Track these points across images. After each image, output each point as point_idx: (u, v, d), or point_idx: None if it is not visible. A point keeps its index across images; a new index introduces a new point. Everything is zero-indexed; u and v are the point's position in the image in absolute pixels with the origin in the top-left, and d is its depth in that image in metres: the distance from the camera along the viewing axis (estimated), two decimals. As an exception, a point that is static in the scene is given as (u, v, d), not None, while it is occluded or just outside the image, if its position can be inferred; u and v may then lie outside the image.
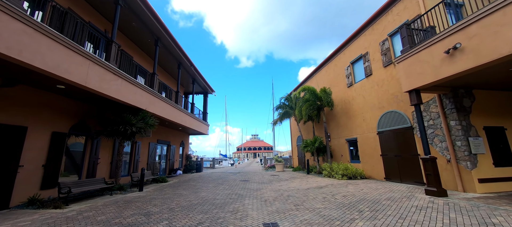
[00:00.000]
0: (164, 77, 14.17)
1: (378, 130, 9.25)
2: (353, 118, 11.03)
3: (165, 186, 9.49)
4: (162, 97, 10.10)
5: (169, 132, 14.56)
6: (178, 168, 15.43)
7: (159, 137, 13.21)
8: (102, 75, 6.56)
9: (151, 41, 10.72)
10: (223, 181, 10.98)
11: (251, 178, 12.14)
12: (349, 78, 11.41)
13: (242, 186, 8.97)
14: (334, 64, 13.01)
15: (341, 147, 12.07)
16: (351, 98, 11.23)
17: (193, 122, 14.76)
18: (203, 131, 17.25)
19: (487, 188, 5.72)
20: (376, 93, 9.45)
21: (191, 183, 10.38)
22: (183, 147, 17.37)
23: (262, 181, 10.58)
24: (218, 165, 34.12)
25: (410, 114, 7.76)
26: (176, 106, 11.74)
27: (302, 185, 8.70)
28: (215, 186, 9.25)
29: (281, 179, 10.89)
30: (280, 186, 8.69)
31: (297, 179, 10.79)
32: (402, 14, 8.14)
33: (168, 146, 14.65)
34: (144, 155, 11.57)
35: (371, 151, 9.66)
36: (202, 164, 18.63)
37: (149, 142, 12.05)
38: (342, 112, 12.03)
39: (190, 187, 8.95)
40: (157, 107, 9.64)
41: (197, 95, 19.67)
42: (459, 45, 4.75)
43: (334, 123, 12.84)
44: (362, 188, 7.15)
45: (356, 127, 10.77)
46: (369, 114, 9.88)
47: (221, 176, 13.29)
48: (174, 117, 11.48)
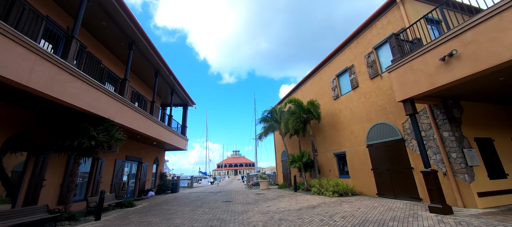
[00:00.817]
0: (139, 85, 12.83)
1: (367, 143, 8.96)
2: (341, 131, 10.74)
3: (132, 212, 7.92)
4: (133, 106, 8.83)
5: (141, 148, 12.91)
6: (150, 189, 13.57)
7: (128, 153, 11.54)
8: (55, 74, 5.33)
9: (124, 45, 9.61)
10: (203, 202, 9.65)
11: (234, 198, 10.94)
12: (335, 91, 11.30)
13: (225, 209, 7.82)
14: (319, 77, 12.96)
15: (329, 162, 11.60)
16: (338, 110, 11.03)
17: (170, 136, 13.35)
18: (181, 146, 15.74)
19: (487, 203, 5.46)
20: (363, 105, 9.31)
21: (164, 206, 8.89)
22: (157, 165, 15.56)
23: (247, 201, 9.49)
24: (197, 183, 31.67)
25: (400, 126, 7.58)
26: (150, 117, 10.43)
27: (292, 205, 7.84)
28: (193, 209, 7.95)
29: (267, 199, 9.90)
30: (268, 207, 7.72)
31: (285, 198, 9.90)
32: (386, 27, 8.29)
33: (139, 164, 12.89)
34: (108, 174, 9.84)
35: (361, 165, 9.27)
36: (179, 183, 16.80)
37: (115, 159, 10.38)
38: (329, 125, 11.74)
39: (162, 213, 7.54)
40: (127, 118, 8.33)
41: (176, 107, 18.31)
42: (455, 52, 4.61)
43: (320, 137, 12.46)
44: (359, 207, 6.52)
45: (344, 140, 10.45)
46: (357, 126, 9.64)
47: (200, 197, 11.85)
48: (147, 129, 10.12)
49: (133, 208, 8.64)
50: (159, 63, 11.33)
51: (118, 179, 10.51)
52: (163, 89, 14.89)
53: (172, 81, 13.66)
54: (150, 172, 14.32)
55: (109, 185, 9.93)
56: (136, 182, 12.58)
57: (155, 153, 15.00)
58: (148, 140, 12.05)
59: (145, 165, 13.45)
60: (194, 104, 18.43)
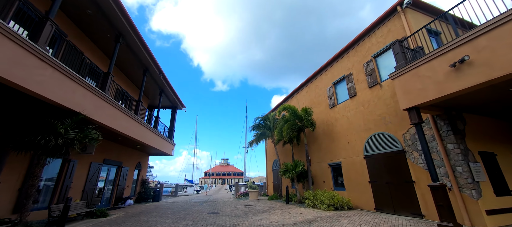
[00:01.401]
0: (125, 83, 11.95)
1: (365, 154, 8.58)
2: (337, 140, 10.35)
3: (103, 224, 6.91)
4: (116, 103, 7.99)
5: (122, 150, 11.83)
6: (129, 196, 12.37)
7: (107, 156, 10.47)
8: (19, 57, 4.54)
9: (111, 37, 8.87)
10: (186, 213, 8.74)
11: (221, 209, 10.08)
12: (332, 99, 11.01)
13: (211, 222, 7.01)
14: (315, 85, 12.70)
15: (324, 173, 11.10)
16: (334, 119, 10.70)
17: (156, 139, 12.39)
18: (167, 151, 14.72)
19: (496, 222, 5.10)
20: (361, 114, 9.01)
21: (141, 217, 7.91)
22: (139, 170, 14.38)
23: (236, 213, 8.70)
24: (182, 192, 30.03)
25: (400, 136, 7.27)
26: (134, 117, 9.56)
27: (286, 218, 7.17)
28: (175, 222, 7.07)
29: (258, 211, 9.15)
30: (260, 221, 7.01)
31: (276, 210, 9.20)
32: (387, 36, 8.17)
33: (118, 168, 11.76)
34: (80, 179, 8.74)
35: (358, 177, 8.84)
36: (162, 191, 15.59)
37: (90, 162, 9.31)
38: (324, 134, 11.35)
39: (139, 225, 6.61)
40: (106, 116, 7.47)
41: (165, 109, 17.36)
42: (467, 58, 4.35)
43: (315, 146, 12.02)
44: (360, 223, 5.98)
45: (340, 150, 10.05)
46: (354, 136, 9.29)
47: (184, 207, 10.86)
48: (130, 131, 9.22)
49: (105, 219, 7.59)
50: (149, 60, 10.61)
51: (92, 185, 9.38)
52: (151, 89, 14.03)
53: (161, 81, 12.89)
54: (131, 178, 13.14)
55: (81, 191, 8.80)
56: (114, 189, 11.40)
57: (137, 157, 13.88)
58: (131, 142, 11.06)
59: (125, 170, 12.32)
60: (184, 107, 17.59)
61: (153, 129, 11.98)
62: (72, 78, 5.88)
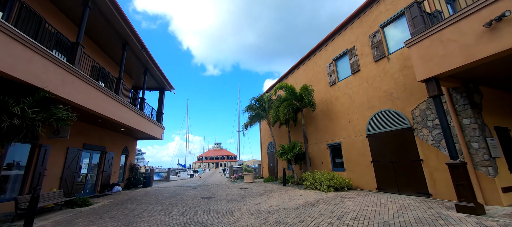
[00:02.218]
0: (104, 60, 10.61)
1: (368, 133, 8.11)
2: (336, 120, 9.83)
3: (83, 213, 6.16)
4: (90, 80, 6.88)
5: (105, 135, 10.83)
6: (117, 183, 11.60)
7: (87, 141, 9.48)
8: None
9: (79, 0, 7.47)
10: (178, 199, 8.15)
11: (216, 193, 9.58)
12: (332, 76, 10.30)
13: (205, 207, 6.44)
14: (314, 61, 11.88)
15: (321, 154, 10.71)
16: (334, 98, 10.08)
17: (142, 122, 11.41)
18: (156, 135, 13.81)
19: (511, 199, 4.79)
20: (365, 91, 8.40)
21: (128, 205, 7.23)
22: (127, 156, 13.50)
23: (231, 197, 8.20)
24: (175, 176, 29.61)
25: (408, 113, 6.76)
26: (115, 97, 8.48)
27: (286, 201, 6.71)
28: (165, 209, 6.44)
29: (255, 194, 8.70)
30: (258, 204, 6.51)
31: (274, 193, 8.78)
32: (397, 3, 7.33)
33: (102, 154, 10.83)
34: (56, 166, 7.80)
35: (359, 157, 8.45)
36: (153, 176, 14.92)
37: (67, 147, 8.32)
38: (323, 114, 10.79)
39: (123, 214, 5.92)
40: (79, 94, 6.40)
41: (151, 91, 16.13)
42: (509, 13, 3.65)
43: (312, 127, 11.51)
44: (366, 205, 5.57)
45: (340, 130, 9.56)
46: (356, 115, 8.76)
47: (177, 192, 10.28)
48: (111, 112, 8.20)
49: (87, 208, 6.84)
50: (128, 32, 9.28)
51: (72, 172, 8.49)
52: (134, 68, 12.71)
53: (145, 58, 11.60)
54: (117, 163, 12.28)
55: (58, 179, 7.91)
56: (99, 175, 10.56)
57: (123, 142, 12.92)
58: (113, 125, 10.06)
59: (111, 155, 11.41)
60: (173, 88, 16.41)
61: (139, 111, 10.94)
62: (25, 43, 4.73)
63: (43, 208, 6.69)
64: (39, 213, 6.25)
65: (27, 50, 4.76)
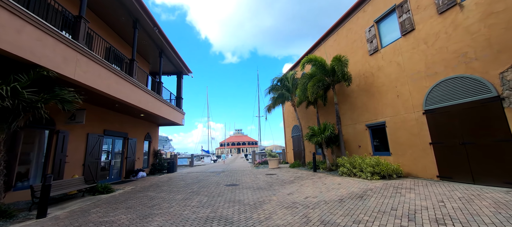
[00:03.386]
0: (117, 42, 10.08)
1: (425, 108, 6.45)
2: (379, 95, 8.18)
3: (102, 202, 5.77)
4: (98, 58, 6.24)
5: (125, 120, 10.59)
6: (141, 168, 11.55)
7: (107, 127, 9.24)
8: None
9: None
10: (201, 186, 7.53)
11: (240, 180, 8.83)
12: (373, 43, 8.50)
13: (230, 197, 5.63)
14: (348, 28, 10.03)
15: (359, 136, 9.24)
16: (376, 68, 8.36)
17: (161, 107, 10.94)
18: (176, 121, 13.44)
19: None
20: (422, 55, 6.62)
21: (149, 193, 6.76)
22: (150, 142, 13.42)
23: (258, 185, 7.34)
24: (199, 162, 30.24)
25: (494, 77, 4.98)
26: (129, 78, 7.89)
27: (324, 192, 5.61)
28: (186, 198, 5.78)
29: (284, 181, 7.73)
30: (291, 195, 5.50)
31: (305, 180, 7.72)
32: None
33: (124, 140, 10.68)
34: (77, 152, 7.61)
35: (411, 138, 6.88)
36: (176, 162, 14.84)
37: (87, 133, 8.08)
38: (360, 90, 9.16)
39: (141, 204, 5.37)
40: (86, 73, 5.79)
41: (169, 76, 15.68)
42: None
43: (347, 105, 9.96)
44: (439, 199, 4.21)
45: (384, 107, 7.95)
46: (407, 87, 7.06)
47: (199, 178, 9.79)
48: (125, 95, 7.65)
49: (108, 196, 6.51)
50: (138, 9, 8.47)
51: (94, 158, 8.32)
52: (149, 50, 12.11)
53: (159, 39, 10.86)
54: (141, 149, 12.20)
55: (81, 165, 7.76)
56: (123, 162, 10.49)
57: (145, 128, 12.75)
58: (132, 110, 9.68)
59: (133, 141, 11.26)
60: (190, 72, 15.76)
61: (156, 95, 10.41)
62: (11, 10, 4.02)
63: (66, 195, 6.52)
64: (60, 200, 6.05)
65: (15, 19, 4.06)
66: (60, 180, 5.94)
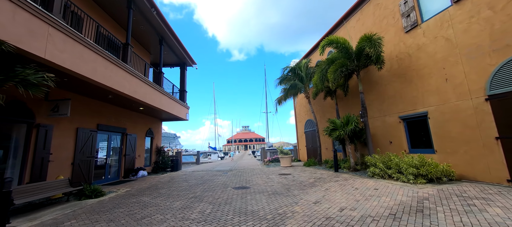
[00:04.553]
0: (111, 26, 9.04)
1: (490, 93, 5.01)
2: (418, 80, 6.75)
3: (84, 210, 4.74)
4: (78, 35, 5.16)
5: (122, 114, 9.61)
6: (142, 167, 10.60)
7: (101, 121, 8.26)
8: None
9: None
10: (205, 189, 6.41)
11: (250, 181, 7.67)
12: (410, 17, 7.02)
13: (239, 206, 4.46)
14: (375, 4, 8.54)
15: (390, 130, 7.84)
16: (415, 48, 6.90)
17: (163, 100, 9.89)
18: (180, 116, 12.41)
19: None
20: (485, 25, 5.14)
21: (144, 198, 5.69)
22: (152, 138, 12.47)
23: (273, 188, 6.13)
24: (206, 159, 29.40)
25: None
26: (122, 65, 6.82)
27: (360, 200, 4.33)
28: (185, 207, 4.66)
29: (303, 184, 6.49)
30: (319, 205, 4.26)
31: (329, 182, 6.45)
32: None
33: (123, 136, 9.73)
34: (64, 149, 6.64)
35: (467, 132, 5.46)
36: (181, 159, 13.86)
37: (76, 127, 7.10)
38: (392, 76, 7.73)
39: (129, 215, 4.29)
40: (62, 52, 4.73)
41: (172, 67, 14.65)
42: None
43: (373, 95, 8.55)
44: (552, 218, 2.85)
45: (426, 94, 6.51)
46: (461, 67, 5.60)
47: (204, 179, 8.70)
48: (118, 83, 6.60)
49: (95, 201, 5.49)
50: (132, -16, 7.35)
51: (86, 156, 7.36)
52: (150, 39, 11.06)
53: (159, 24, 9.75)
54: (142, 146, 11.26)
55: (70, 165, 6.80)
56: (120, 159, 9.55)
57: (146, 123, 11.79)
58: (129, 103, 8.66)
59: (132, 137, 10.31)
60: (195, 63, 14.68)
61: (156, 86, 9.35)
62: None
63: (50, 199, 5.57)
64: (40, 206, 5.09)
65: None
66: (34, 183, 4.95)
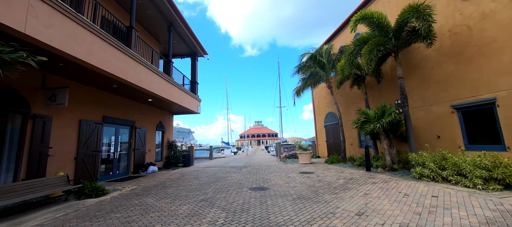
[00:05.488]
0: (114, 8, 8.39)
1: None
2: (482, 58, 5.32)
3: (77, 214, 4.08)
4: (68, 9, 4.43)
5: (130, 106, 9.04)
6: (153, 162, 10.08)
7: (107, 113, 7.70)
8: None
9: None
10: (217, 190, 5.57)
11: (268, 180, 6.73)
12: (472, -22, 5.53)
13: (260, 216, 3.53)
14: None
15: (436, 122, 6.47)
16: (477, 18, 5.44)
17: (172, 90, 9.18)
18: (191, 108, 11.73)
19: None
20: None
21: (148, 199, 4.97)
22: (163, 132, 11.94)
23: (296, 190, 5.14)
24: (219, 153, 29.04)
25: None
26: (124, 48, 6.10)
27: (422, 212, 3.21)
28: (193, 213, 3.81)
29: (333, 186, 5.42)
30: (366, 218, 3.21)
31: (366, 185, 5.32)
32: None
33: (132, 129, 9.20)
34: (65, 143, 6.09)
35: None
36: (193, 154, 13.28)
37: (79, 119, 6.55)
38: (442, 55, 6.31)
39: (128, 221, 3.52)
40: (48, 28, 4.02)
41: (182, 58, 13.96)
42: None
43: (414, 81, 7.17)
44: None
45: (494, 75, 5.10)
46: (557, 35, 4.14)
47: (217, 176, 7.91)
48: (120, 69, 5.89)
49: (94, 201, 4.85)
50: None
51: (91, 151, 6.83)
52: (159, 26, 10.36)
53: (167, 8, 8.98)
54: (152, 140, 10.74)
55: (73, 159, 6.28)
56: (130, 154, 9.04)
57: (156, 116, 11.23)
58: (136, 94, 8.03)
59: (142, 131, 9.76)
60: (206, 54, 13.89)
61: (165, 76, 8.63)
62: None
63: (49, 198, 5.05)
64: (36, 205, 4.56)
65: None
66: (26, 181, 4.37)
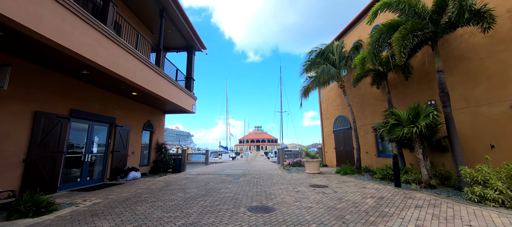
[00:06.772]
0: None
1: None
2: None
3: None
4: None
5: (110, 100, 7.67)
6: (135, 167, 8.62)
7: (77, 106, 6.32)
8: None
9: None
10: (205, 208, 4.12)
11: (272, 194, 5.28)
12: None
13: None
14: None
15: (488, 127, 5.08)
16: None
17: (161, 83, 7.84)
18: (185, 107, 10.35)
19: None
20: None
21: (103, 224, 3.53)
22: (151, 132, 10.53)
23: (313, 216, 3.71)
24: (217, 158, 27.48)
25: None
26: (98, 24, 4.78)
27: None
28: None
29: (361, 210, 4.00)
30: None
31: (407, 209, 3.89)
32: None
33: (111, 127, 7.80)
34: (10, 140, 4.70)
35: None
36: (185, 159, 11.82)
37: (34, 111, 5.16)
38: (497, 43, 4.99)
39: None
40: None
41: (178, 51, 12.69)
42: None
43: (456, 77, 5.82)
44: None
45: None
46: None
47: (208, 187, 6.45)
48: (85, 48, 4.55)
49: (28, 224, 3.42)
50: None
51: (50, 152, 5.41)
52: (152, 13, 9.11)
53: (158, -11, 7.73)
54: (137, 142, 9.30)
55: (21, 162, 4.86)
56: (106, 157, 7.60)
57: (144, 114, 9.85)
58: (119, 85, 6.68)
59: (124, 130, 8.35)
60: (205, 48, 12.65)
61: (153, 65, 7.31)
62: None
63: (-30, 215, 3.60)
64: None
65: None
66: None
